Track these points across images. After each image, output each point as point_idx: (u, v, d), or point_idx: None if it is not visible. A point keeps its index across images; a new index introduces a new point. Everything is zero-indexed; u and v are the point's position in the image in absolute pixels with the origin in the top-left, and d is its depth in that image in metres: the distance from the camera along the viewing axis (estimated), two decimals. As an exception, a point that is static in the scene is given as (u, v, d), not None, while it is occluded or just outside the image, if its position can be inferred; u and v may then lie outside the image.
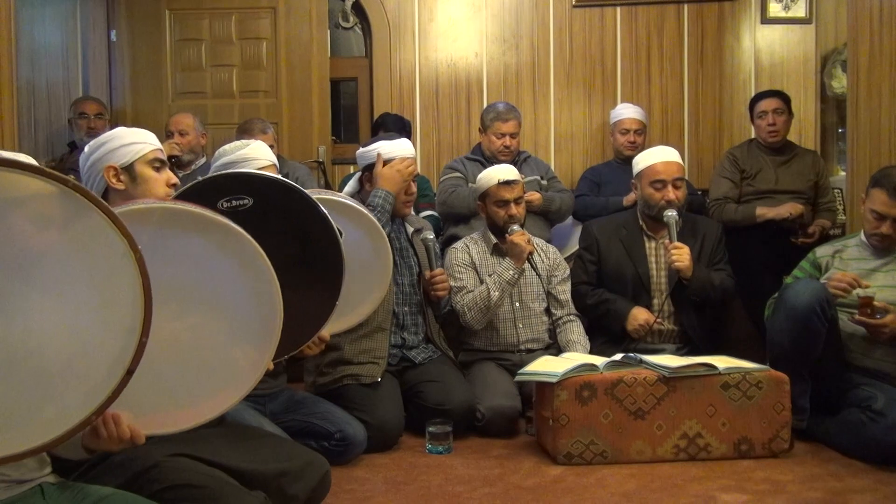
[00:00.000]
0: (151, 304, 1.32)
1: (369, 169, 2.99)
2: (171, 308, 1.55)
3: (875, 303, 2.65)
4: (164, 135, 4.09)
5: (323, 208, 1.95)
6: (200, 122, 4.19)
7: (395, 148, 2.97)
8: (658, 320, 3.18)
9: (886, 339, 2.68)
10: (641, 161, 3.31)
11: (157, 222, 1.53)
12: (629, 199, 3.87)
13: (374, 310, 2.51)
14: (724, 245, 3.34)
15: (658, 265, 3.27)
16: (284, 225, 1.91)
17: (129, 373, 1.32)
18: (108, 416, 1.46)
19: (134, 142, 1.98)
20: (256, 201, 1.85)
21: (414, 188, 3.03)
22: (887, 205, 2.71)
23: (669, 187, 3.20)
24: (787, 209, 3.78)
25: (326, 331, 2.15)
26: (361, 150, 3.05)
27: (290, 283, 1.69)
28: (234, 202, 1.84)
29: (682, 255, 3.10)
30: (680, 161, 3.29)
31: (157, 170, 1.99)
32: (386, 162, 2.93)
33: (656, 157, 3.27)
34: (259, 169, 2.39)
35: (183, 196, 1.81)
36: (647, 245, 3.30)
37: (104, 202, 1.30)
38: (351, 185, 3.09)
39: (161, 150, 2.05)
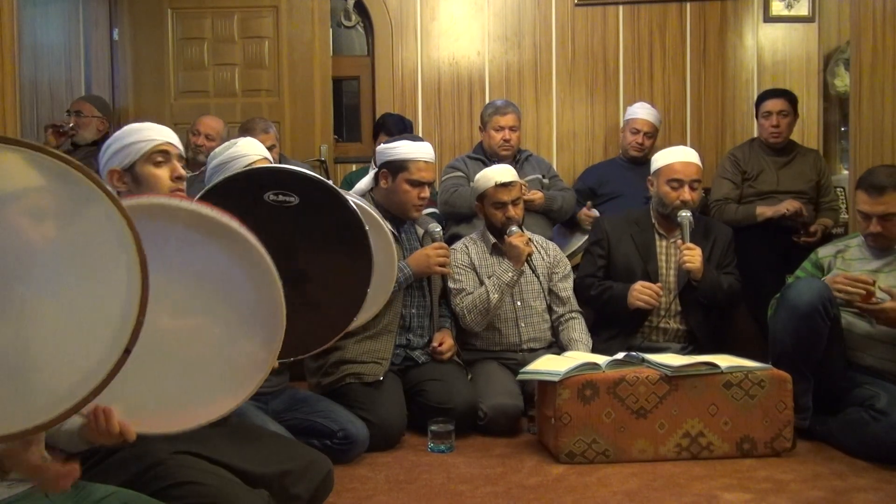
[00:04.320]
0: (148, 282, 1.31)
1: (387, 166, 2.99)
2: (172, 307, 1.54)
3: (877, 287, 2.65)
4: (191, 133, 4.03)
5: (363, 218, 1.93)
6: (228, 130, 4.10)
7: (416, 150, 2.98)
8: (660, 285, 3.16)
9: (883, 323, 2.67)
10: (660, 159, 3.30)
11: (160, 219, 1.52)
12: (582, 216, 3.97)
13: (376, 314, 2.53)
14: (735, 250, 3.33)
15: (668, 264, 3.27)
16: (324, 230, 1.89)
17: (127, 352, 1.30)
18: (100, 410, 1.45)
19: (134, 141, 1.91)
20: (302, 201, 1.84)
21: (427, 192, 3.03)
22: (868, 203, 2.73)
23: (686, 188, 3.19)
24: (785, 206, 3.78)
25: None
26: (382, 146, 3.05)
27: (315, 289, 1.68)
28: (280, 197, 1.83)
29: (693, 257, 3.10)
30: (699, 163, 3.27)
31: (159, 164, 1.91)
32: (409, 181, 2.94)
33: (676, 156, 3.26)
34: (250, 164, 2.38)
35: (229, 183, 1.79)
36: (658, 243, 3.29)
37: (101, 179, 1.28)
38: (366, 181, 3.08)
39: (167, 142, 1.94)
